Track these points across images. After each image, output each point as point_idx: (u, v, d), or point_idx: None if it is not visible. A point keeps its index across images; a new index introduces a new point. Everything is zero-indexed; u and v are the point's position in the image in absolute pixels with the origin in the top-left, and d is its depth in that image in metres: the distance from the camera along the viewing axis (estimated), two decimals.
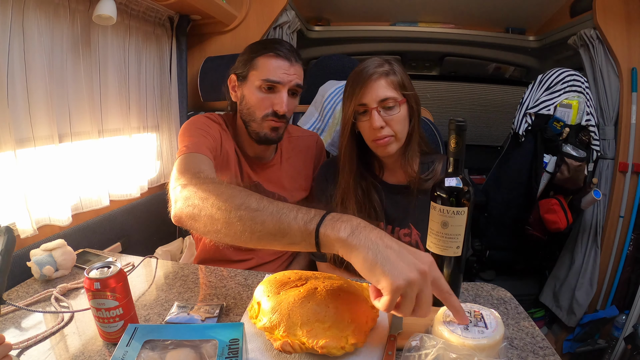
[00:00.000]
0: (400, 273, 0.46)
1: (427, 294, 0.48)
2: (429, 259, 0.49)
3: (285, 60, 0.92)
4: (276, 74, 0.91)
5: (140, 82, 1.32)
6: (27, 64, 0.87)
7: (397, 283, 0.45)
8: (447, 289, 0.50)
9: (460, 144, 0.67)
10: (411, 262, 0.47)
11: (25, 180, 0.88)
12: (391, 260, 0.47)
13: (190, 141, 0.86)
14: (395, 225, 0.92)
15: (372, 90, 0.82)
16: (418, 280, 0.46)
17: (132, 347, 0.47)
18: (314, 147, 1.14)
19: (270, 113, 0.93)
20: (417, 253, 0.49)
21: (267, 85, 0.92)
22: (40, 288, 0.78)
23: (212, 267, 0.88)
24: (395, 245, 0.49)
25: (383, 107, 0.83)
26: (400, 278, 0.46)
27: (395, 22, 2.15)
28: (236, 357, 0.48)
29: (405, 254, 0.48)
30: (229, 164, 0.98)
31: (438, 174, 0.89)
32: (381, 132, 0.83)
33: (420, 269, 0.47)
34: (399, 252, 0.48)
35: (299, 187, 1.10)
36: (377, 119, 0.82)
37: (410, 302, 0.47)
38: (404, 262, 0.47)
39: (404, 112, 0.84)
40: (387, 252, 0.48)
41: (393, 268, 0.46)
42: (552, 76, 1.48)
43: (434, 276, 0.48)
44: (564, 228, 1.47)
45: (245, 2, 1.60)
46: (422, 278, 0.47)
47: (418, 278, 0.46)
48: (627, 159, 1.54)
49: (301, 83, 0.96)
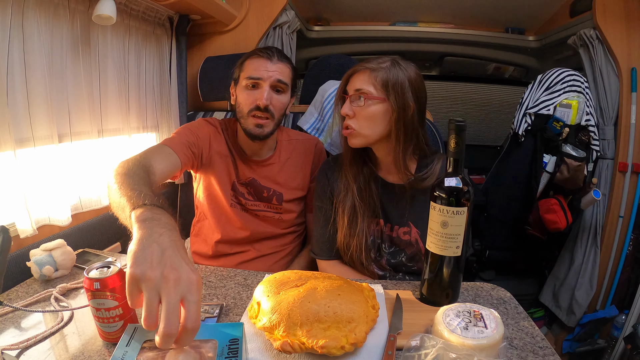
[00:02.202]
0: (142, 265, 0.44)
1: (171, 303, 0.42)
2: (193, 277, 0.45)
3: (267, 59, 1.00)
4: (258, 71, 0.99)
5: (140, 82, 1.32)
6: (27, 64, 0.87)
7: (132, 270, 0.44)
8: (192, 316, 0.43)
9: (460, 144, 0.67)
10: (166, 264, 0.44)
11: (25, 180, 0.88)
12: (147, 252, 0.45)
13: (172, 136, 1.02)
14: (394, 224, 0.92)
15: (353, 80, 0.86)
16: (156, 280, 0.43)
17: (132, 347, 0.47)
18: (313, 150, 1.17)
19: (253, 108, 0.99)
20: (182, 266, 0.45)
21: (251, 83, 1.00)
22: (40, 288, 0.77)
23: (212, 267, 0.89)
24: (169, 249, 0.46)
25: (356, 97, 0.84)
26: (138, 268, 0.43)
27: (395, 22, 2.15)
28: (236, 357, 0.48)
29: (168, 257, 0.45)
30: (220, 161, 1.08)
31: (436, 173, 0.89)
32: (347, 121, 0.86)
33: (167, 274, 0.43)
34: (163, 252, 0.46)
35: (296, 186, 1.13)
36: (346, 106, 0.85)
37: (149, 302, 0.42)
38: (156, 261, 0.44)
39: (375, 109, 0.84)
40: (152, 246, 0.46)
41: (141, 258, 0.45)
42: (551, 76, 1.48)
43: (184, 294, 0.43)
44: (563, 228, 1.47)
45: (245, 2, 1.60)
46: (164, 282, 0.43)
47: (156, 278, 0.43)
48: (626, 159, 1.54)
49: (284, 79, 1.01)
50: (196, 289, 0.44)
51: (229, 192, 1.08)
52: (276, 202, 1.11)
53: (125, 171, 0.71)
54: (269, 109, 0.99)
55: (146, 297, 0.43)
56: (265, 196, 1.10)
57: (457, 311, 0.59)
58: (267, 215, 1.11)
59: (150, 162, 0.82)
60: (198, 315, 0.44)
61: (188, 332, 0.43)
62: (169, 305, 0.42)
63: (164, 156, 0.93)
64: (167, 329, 0.41)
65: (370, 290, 0.68)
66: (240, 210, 1.09)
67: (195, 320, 0.43)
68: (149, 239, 0.47)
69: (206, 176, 1.09)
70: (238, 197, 1.09)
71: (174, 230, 0.52)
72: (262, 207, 1.11)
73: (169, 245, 0.47)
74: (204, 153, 1.05)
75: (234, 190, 1.09)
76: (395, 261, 0.92)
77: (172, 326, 0.41)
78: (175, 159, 0.95)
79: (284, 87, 1.02)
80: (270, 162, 1.11)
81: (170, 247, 0.47)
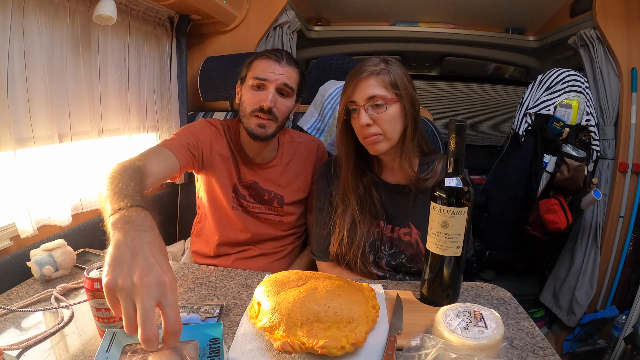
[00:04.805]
0: (114, 273, 0.44)
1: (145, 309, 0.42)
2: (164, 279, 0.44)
3: (275, 61, 1.00)
4: (265, 72, 0.98)
5: (140, 82, 1.32)
6: (27, 64, 0.87)
7: (106, 280, 0.44)
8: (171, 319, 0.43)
9: (460, 144, 0.67)
10: (136, 271, 0.44)
11: (25, 180, 0.88)
12: (119, 260, 0.45)
13: (171, 137, 1.02)
14: (395, 225, 0.92)
15: (362, 88, 0.84)
16: (127, 288, 0.43)
17: (112, 353, 0.47)
18: (314, 153, 1.17)
19: (257, 109, 0.99)
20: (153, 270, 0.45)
21: (257, 84, 0.99)
22: (40, 288, 0.78)
23: (212, 267, 0.89)
24: (140, 253, 0.46)
25: (371, 105, 0.83)
26: (111, 278, 0.44)
27: (395, 22, 2.15)
28: (218, 356, 0.48)
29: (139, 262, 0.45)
30: (221, 163, 1.07)
31: (438, 173, 0.89)
32: (368, 129, 0.84)
33: (137, 281, 0.43)
34: (133, 257, 0.46)
35: (297, 188, 1.13)
36: (364, 116, 0.83)
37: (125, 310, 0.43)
38: (126, 268, 0.44)
39: (393, 111, 0.84)
40: (124, 252, 0.46)
41: (113, 267, 0.45)
42: (552, 76, 1.48)
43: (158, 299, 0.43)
44: (563, 228, 1.47)
45: (245, 2, 1.60)
46: (134, 289, 0.43)
47: (128, 286, 0.43)
48: (627, 159, 1.54)
49: (290, 83, 1.01)
50: (170, 291, 0.44)
51: (231, 194, 1.08)
52: (277, 205, 1.10)
53: (113, 174, 0.69)
54: (272, 112, 0.98)
55: (122, 306, 0.43)
56: (266, 199, 1.10)
57: (457, 311, 0.59)
58: (268, 217, 1.11)
59: (146, 164, 0.82)
60: (177, 316, 0.44)
61: (170, 334, 0.43)
62: (143, 311, 0.42)
63: (162, 158, 0.92)
64: (145, 336, 0.41)
65: (371, 290, 0.68)
66: (241, 213, 1.09)
67: (175, 323, 0.43)
68: (121, 246, 0.47)
69: (207, 178, 1.09)
70: (239, 199, 1.09)
71: (149, 230, 0.51)
72: (263, 209, 1.11)
73: (140, 248, 0.47)
74: (204, 155, 1.05)
75: (236, 193, 1.08)
76: (395, 262, 0.92)
77: (148, 332, 0.41)
78: (174, 161, 0.95)
79: (290, 91, 1.01)
80: (272, 165, 1.11)
81: (141, 251, 0.47)
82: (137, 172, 0.74)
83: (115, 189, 0.62)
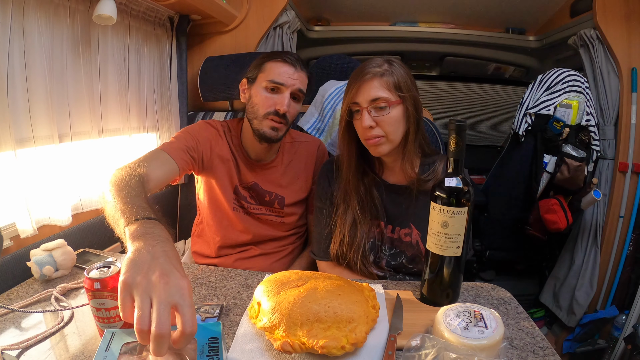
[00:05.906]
0: (133, 271, 0.45)
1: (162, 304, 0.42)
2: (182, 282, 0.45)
3: (291, 66, 1.00)
4: (281, 76, 0.99)
5: (140, 82, 1.32)
6: (27, 64, 0.87)
7: (124, 277, 0.45)
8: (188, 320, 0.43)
9: (460, 144, 0.67)
10: (155, 270, 0.45)
11: (26, 180, 0.88)
12: (139, 261, 0.47)
13: (170, 141, 1.02)
14: (396, 225, 0.92)
15: (364, 90, 0.83)
16: (146, 284, 0.44)
17: (110, 352, 0.47)
18: (315, 153, 1.17)
19: (272, 112, 0.99)
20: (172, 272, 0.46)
21: (272, 87, 0.99)
22: (40, 288, 0.77)
23: (212, 267, 0.89)
24: (161, 257, 0.48)
25: (374, 107, 0.83)
26: (130, 275, 0.45)
27: (395, 22, 2.15)
28: (217, 355, 0.48)
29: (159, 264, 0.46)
30: (221, 165, 1.07)
31: (438, 174, 0.88)
32: (371, 131, 0.84)
33: (157, 279, 0.44)
34: (153, 259, 0.47)
35: (298, 189, 1.13)
36: (367, 118, 0.83)
37: (141, 304, 0.43)
38: (146, 268, 0.46)
39: (396, 113, 0.84)
40: (144, 255, 0.48)
41: (133, 266, 0.46)
42: (552, 76, 1.48)
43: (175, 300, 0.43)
44: (563, 228, 1.47)
45: (245, 2, 1.60)
46: (153, 286, 0.44)
47: (147, 283, 0.44)
48: (627, 159, 1.54)
49: (303, 89, 1.02)
50: (187, 294, 0.45)
51: (231, 196, 1.08)
52: (278, 206, 1.10)
53: (119, 182, 0.71)
54: (285, 116, 1.00)
55: (138, 301, 0.43)
56: (267, 200, 1.10)
57: (457, 311, 0.59)
58: (269, 218, 1.11)
59: (146, 171, 0.82)
60: (194, 319, 0.44)
61: (186, 335, 0.43)
62: (160, 306, 0.43)
63: (161, 163, 0.92)
64: (159, 329, 0.41)
65: (371, 290, 0.68)
66: (242, 214, 1.09)
67: (192, 325, 0.43)
68: (141, 250, 0.49)
69: (207, 179, 1.09)
70: (240, 200, 1.09)
71: (167, 241, 0.53)
72: (264, 210, 1.10)
73: (161, 254, 0.49)
74: (204, 157, 1.05)
75: (236, 194, 1.08)
76: (395, 263, 0.92)
77: (162, 327, 0.41)
78: (173, 165, 0.95)
79: (301, 95, 1.03)
80: (273, 165, 1.11)
81: (162, 256, 0.48)
82: (139, 180, 0.75)
83: (125, 198, 0.64)
